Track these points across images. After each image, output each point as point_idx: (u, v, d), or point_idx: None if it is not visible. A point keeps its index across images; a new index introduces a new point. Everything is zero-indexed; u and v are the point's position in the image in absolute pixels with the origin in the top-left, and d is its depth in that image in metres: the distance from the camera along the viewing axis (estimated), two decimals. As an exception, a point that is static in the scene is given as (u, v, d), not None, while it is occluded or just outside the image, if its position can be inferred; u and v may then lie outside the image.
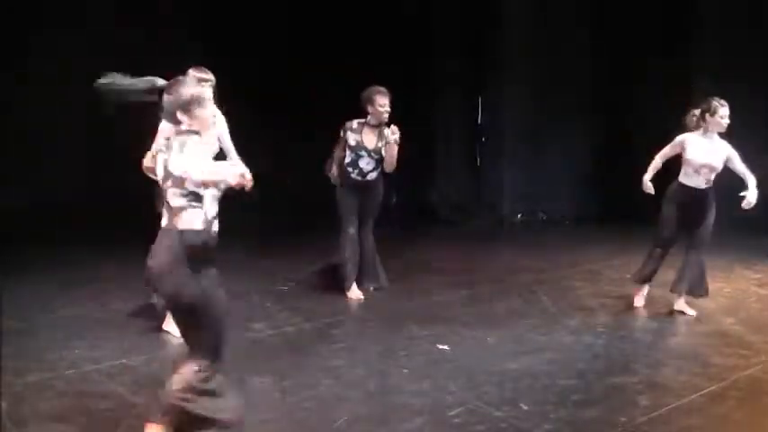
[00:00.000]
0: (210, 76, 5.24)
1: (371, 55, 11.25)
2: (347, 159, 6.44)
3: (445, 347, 5.33)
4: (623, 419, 4.15)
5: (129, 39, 9.96)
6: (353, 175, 6.44)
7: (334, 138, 6.62)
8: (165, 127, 5.27)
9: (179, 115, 3.41)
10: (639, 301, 6.39)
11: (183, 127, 3.41)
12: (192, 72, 5.19)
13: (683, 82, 10.32)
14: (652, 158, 11.91)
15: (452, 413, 4.19)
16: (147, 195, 5.15)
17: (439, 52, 11.51)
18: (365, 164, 6.42)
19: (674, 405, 4.35)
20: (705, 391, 4.58)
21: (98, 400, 4.28)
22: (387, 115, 6.31)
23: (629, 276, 6.93)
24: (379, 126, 6.35)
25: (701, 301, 6.55)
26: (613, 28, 10.82)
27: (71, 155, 10.07)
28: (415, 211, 10.98)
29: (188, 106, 3.40)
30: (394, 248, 6.99)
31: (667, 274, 6.50)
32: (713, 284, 7.00)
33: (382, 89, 6.36)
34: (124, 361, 4.90)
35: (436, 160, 11.42)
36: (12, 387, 4.34)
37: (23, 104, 9.62)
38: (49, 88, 9.80)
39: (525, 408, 4.28)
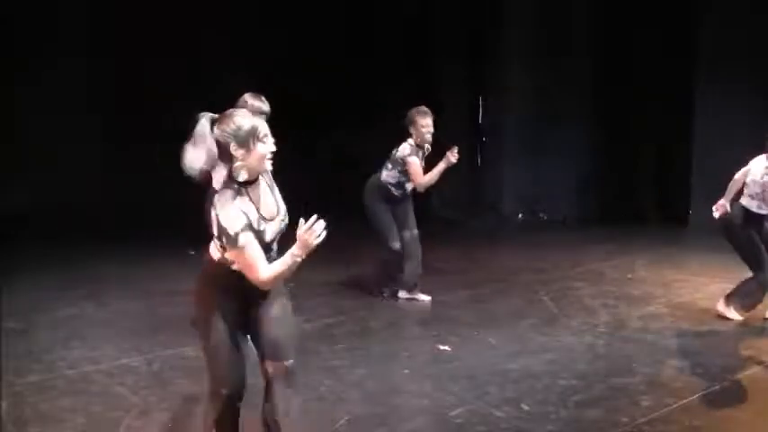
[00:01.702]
0: (267, 107, 4.92)
1: (371, 55, 11.25)
2: (393, 180, 6.33)
3: (446, 348, 5.32)
4: (625, 420, 4.14)
5: (130, 38, 9.98)
6: (395, 193, 6.38)
7: (334, 137, 6.61)
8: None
9: (233, 150, 3.01)
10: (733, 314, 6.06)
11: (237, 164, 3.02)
12: (248, 98, 4.91)
13: (683, 82, 10.33)
14: (651, 158, 11.92)
15: (453, 413, 4.18)
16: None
17: (439, 52, 11.51)
18: (410, 186, 6.39)
19: (675, 405, 4.34)
20: (706, 391, 4.57)
21: (98, 400, 4.27)
22: (430, 135, 6.25)
23: (627, 277, 6.92)
24: (422, 147, 6.28)
25: (703, 301, 6.55)
26: (613, 28, 10.81)
27: (72, 154, 10.06)
28: (416, 211, 10.97)
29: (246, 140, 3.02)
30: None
31: (668, 274, 6.49)
32: (715, 285, 7.01)
33: (424, 109, 6.26)
34: (124, 361, 4.89)
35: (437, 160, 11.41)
36: (12, 387, 4.34)
37: (24, 105, 9.62)
38: (50, 89, 9.80)
39: (526, 408, 4.27)
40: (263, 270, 3.02)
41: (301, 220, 2.98)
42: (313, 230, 2.96)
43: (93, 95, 10.12)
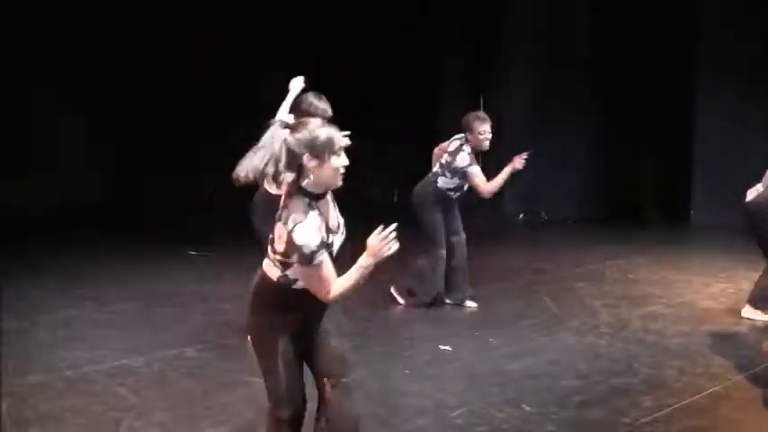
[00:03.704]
0: (330, 110, 4.97)
1: (371, 54, 11.25)
2: (451, 185, 6.20)
3: (447, 348, 5.31)
4: (626, 420, 4.13)
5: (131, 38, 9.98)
6: (452, 195, 6.27)
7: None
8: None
9: (306, 161, 2.86)
10: None
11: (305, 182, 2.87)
12: (312, 100, 4.99)
13: (684, 82, 10.32)
14: (652, 158, 11.87)
15: (454, 414, 4.17)
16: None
17: (439, 51, 11.50)
18: (467, 188, 6.29)
19: (676, 406, 4.33)
20: (708, 391, 4.56)
21: (98, 400, 4.26)
22: (488, 142, 6.15)
23: (628, 278, 6.88)
24: (478, 153, 6.17)
25: (704, 302, 6.55)
26: (615, 28, 10.80)
27: (72, 155, 10.06)
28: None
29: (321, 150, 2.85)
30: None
31: (669, 274, 6.48)
32: (716, 285, 7.01)
33: (482, 115, 6.18)
34: (124, 361, 4.88)
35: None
36: (12, 387, 4.33)
37: (25, 104, 9.62)
38: (51, 89, 9.80)
39: (527, 409, 4.26)
40: (334, 287, 2.85)
41: (377, 231, 2.82)
42: (385, 239, 2.80)
43: (93, 95, 10.11)
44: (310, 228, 2.80)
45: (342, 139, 2.91)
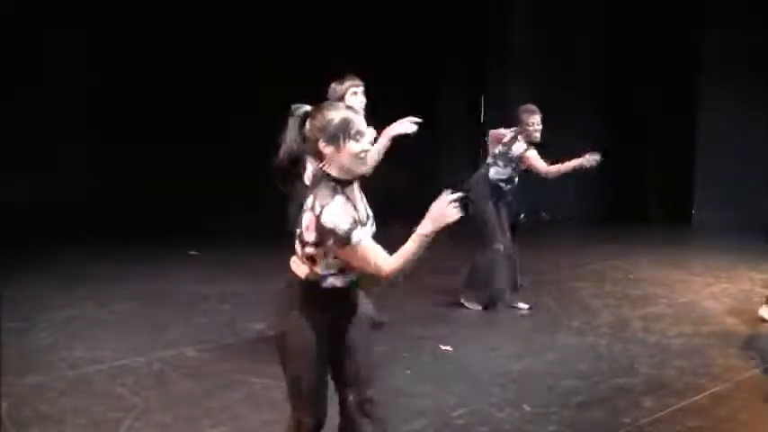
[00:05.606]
0: (359, 81, 4.91)
1: (372, 54, 11.23)
2: (503, 175, 6.22)
3: (448, 348, 5.30)
4: (627, 421, 4.12)
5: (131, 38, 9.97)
6: (504, 188, 6.28)
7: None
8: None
9: (322, 147, 2.76)
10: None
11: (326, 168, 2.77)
12: (347, 84, 4.91)
13: (686, 81, 10.32)
14: (654, 157, 11.87)
15: (455, 414, 4.17)
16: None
17: (440, 51, 11.50)
18: (517, 180, 6.33)
19: (677, 406, 4.32)
20: (709, 392, 4.55)
21: (98, 400, 4.26)
22: (538, 134, 6.11)
23: (629, 278, 6.88)
24: (532, 144, 6.12)
25: (706, 302, 6.54)
26: (615, 27, 10.80)
27: (72, 154, 10.05)
28: (416, 211, 10.96)
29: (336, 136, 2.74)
30: (394, 249, 6.94)
31: (670, 273, 6.47)
32: (718, 285, 7.00)
33: (532, 107, 6.14)
34: (124, 361, 4.87)
35: (438, 159, 11.40)
36: (12, 387, 4.32)
37: (24, 103, 9.61)
38: (50, 87, 9.79)
39: (528, 409, 4.26)
40: (387, 260, 2.71)
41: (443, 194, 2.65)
42: (448, 203, 2.64)
43: (94, 95, 10.11)
44: (337, 208, 2.68)
45: (361, 122, 2.76)
